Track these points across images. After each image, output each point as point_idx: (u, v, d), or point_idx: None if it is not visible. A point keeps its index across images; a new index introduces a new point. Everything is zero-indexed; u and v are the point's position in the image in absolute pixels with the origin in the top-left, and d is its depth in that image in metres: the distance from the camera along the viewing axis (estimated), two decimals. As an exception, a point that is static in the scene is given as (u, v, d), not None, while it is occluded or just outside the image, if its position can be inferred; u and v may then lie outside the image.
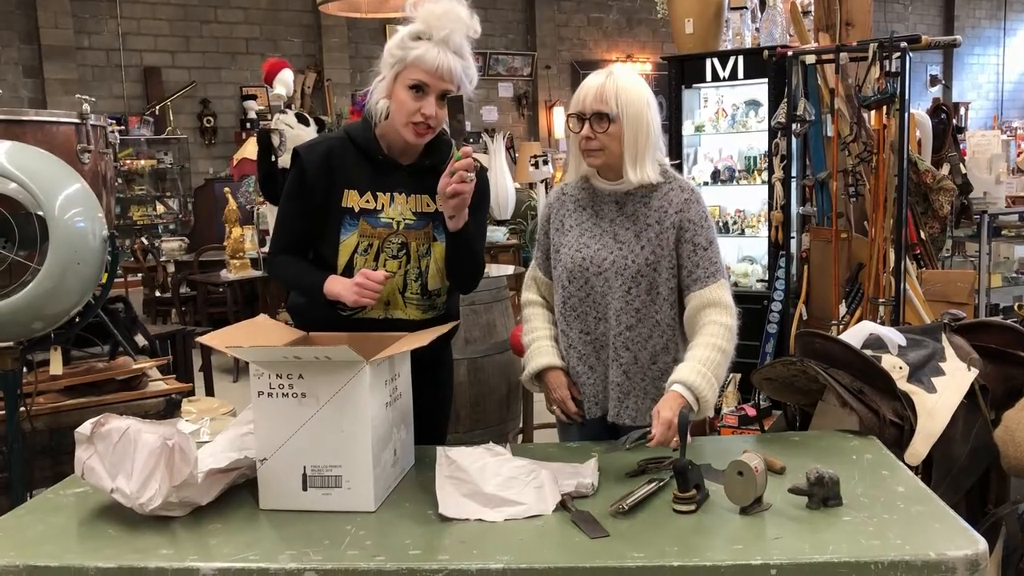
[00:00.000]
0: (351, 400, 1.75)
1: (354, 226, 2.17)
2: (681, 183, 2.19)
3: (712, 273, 2.15)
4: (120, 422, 1.78)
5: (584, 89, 2.13)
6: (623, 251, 2.16)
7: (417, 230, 2.20)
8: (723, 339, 2.10)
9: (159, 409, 2.89)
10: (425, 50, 2.04)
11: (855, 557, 1.48)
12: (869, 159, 3.94)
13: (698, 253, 2.15)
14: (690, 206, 2.15)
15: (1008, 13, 16.80)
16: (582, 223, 2.23)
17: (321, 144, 2.22)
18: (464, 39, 2.09)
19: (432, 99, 2.07)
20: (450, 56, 2.05)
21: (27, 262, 2.40)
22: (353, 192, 2.17)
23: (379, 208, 2.18)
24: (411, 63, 2.05)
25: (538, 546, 1.58)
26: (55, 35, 9.75)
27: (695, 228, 2.15)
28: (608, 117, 2.08)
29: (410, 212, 2.19)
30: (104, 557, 1.58)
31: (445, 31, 2.04)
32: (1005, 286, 5.85)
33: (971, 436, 2.22)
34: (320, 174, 2.17)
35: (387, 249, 2.18)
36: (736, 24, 4.97)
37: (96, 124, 3.15)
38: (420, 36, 2.05)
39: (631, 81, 2.13)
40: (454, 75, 2.06)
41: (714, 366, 2.06)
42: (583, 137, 2.12)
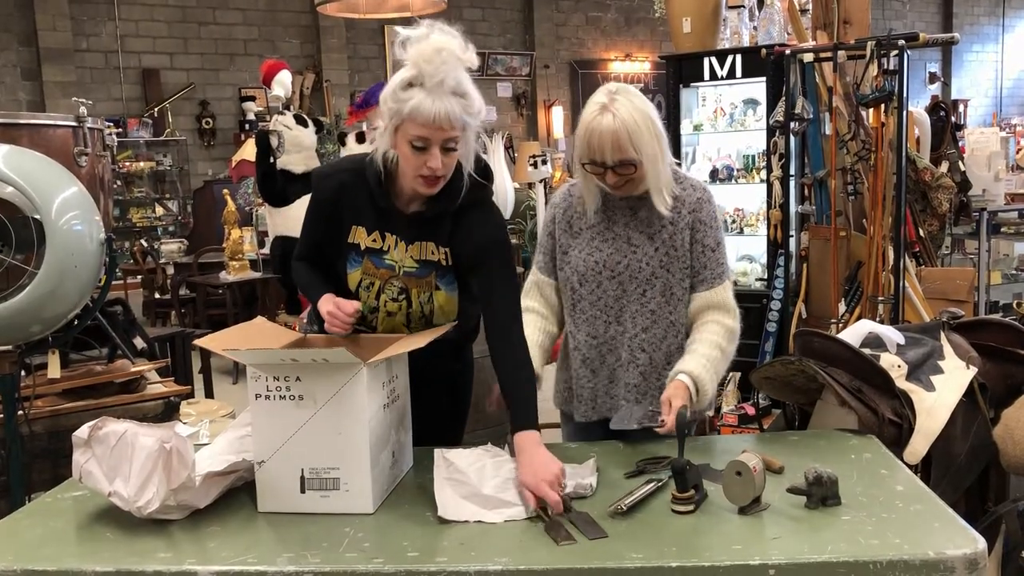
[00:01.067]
0: (349, 402, 1.75)
1: (359, 263, 2.12)
2: (693, 183, 2.20)
3: (719, 275, 2.16)
4: (118, 425, 1.78)
5: (595, 136, 2.05)
6: (637, 254, 2.16)
7: (419, 278, 2.12)
8: (724, 339, 2.12)
9: (158, 411, 2.89)
10: (419, 101, 1.89)
11: (854, 557, 1.48)
12: (868, 157, 3.94)
13: (707, 254, 2.16)
14: (703, 206, 2.16)
15: (1007, 10, 16.80)
16: (594, 225, 2.22)
17: (335, 177, 2.14)
18: (461, 74, 1.95)
19: (436, 151, 1.94)
20: (447, 101, 1.90)
21: (24, 265, 2.40)
22: (361, 229, 2.11)
23: (385, 249, 2.12)
24: (407, 117, 1.91)
25: (536, 547, 1.57)
26: (53, 37, 9.74)
27: (706, 229, 2.16)
28: (632, 163, 2.06)
29: (411, 260, 2.11)
30: (102, 560, 1.58)
31: (438, 76, 1.90)
32: (1004, 283, 5.85)
33: (970, 434, 2.22)
34: (330, 206, 2.12)
35: (388, 291, 2.12)
36: (734, 23, 4.97)
37: (93, 127, 3.15)
38: (413, 83, 1.91)
39: (636, 112, 2.05)
40: (454, 121, 1.91)
41: (715, 362, 2.08)
42: (611, 183, 2.10)
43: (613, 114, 2.04)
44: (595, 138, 2.06)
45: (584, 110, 2.12)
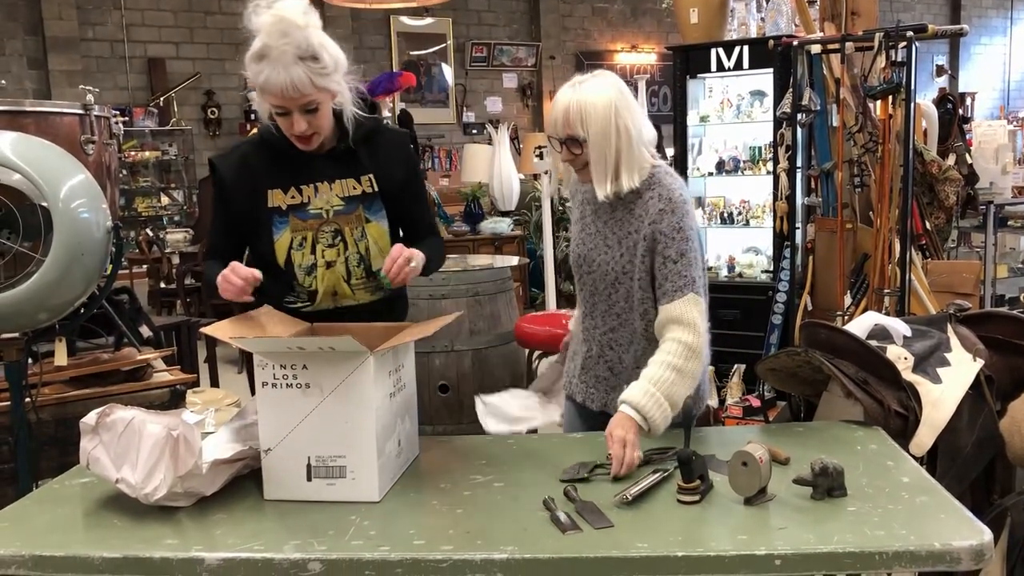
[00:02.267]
0: (355, 390, 1.75)
1: (285, 223, 2.17)
2: (662, 191, 2.10)
3: (680, 287, 2.05)
4: (125, 412, 1.78)
5: (553, 111, 2.09)
6: (607, 256, 2.15)
7: (347, 215, 2.19)
8: (678, 357, 2.00)
9: (164, 400, 2.90)
10: (267, 75, 1.97)
11: (860, 547, 1.48)
12: (875, 149, 3.93)
13: (667, 266, 2.06)
14: (663, 217, 2.07)
15: (1015, 2, 16.69)
16: (585, 218, 2.24)
17: (235, 151, 2.24)
18: (308, 37, 1.99)
19: (296, 116, 2.03)
20: (293, 70, 1.96)
21: (32, 253, 2.40)
22: (277, 191, 2.17)
23: (306, 201, 2.18)
24: (261, 89, 2.01)
25: (542, 537, 1.58)
26: (59, 26, 9.72)
27: (666, 240, 2.06)
28: (578, 140, 2.05)
29: (337, 198, 2.19)
30: (110, 547, 1.59)
31: (279, 47, 1.95)
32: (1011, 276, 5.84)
33: (976, 427, 2.22)
34: (239, 181, 2.18)
35: (321, 239, 2.19)
36: (741, 14, 4.95)
37: (100, 115, 3.15)
38: (262, 55, 1.98)
39: (595, 93, 2.04)
40: (302, 88, 1.98)
41: (665, 385, 1.96)
42: (564, 160, 2.12)
43: (575, 89, 2.07)
44: (553, 110, 2.09)
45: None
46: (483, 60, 12.32)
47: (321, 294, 2.22)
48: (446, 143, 11.82)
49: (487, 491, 1.81)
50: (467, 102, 12.30)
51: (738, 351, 4.44)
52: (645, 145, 2.11)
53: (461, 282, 3.99)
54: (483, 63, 12.34)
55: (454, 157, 11.43)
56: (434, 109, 11.89)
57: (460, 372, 3.92)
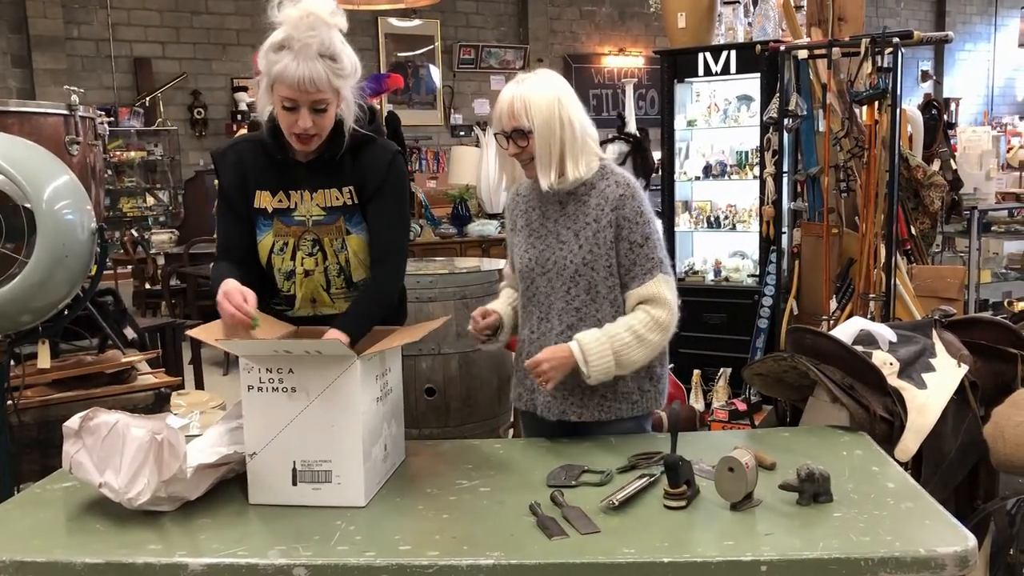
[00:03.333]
0: (342, 395, 1.74)
1: (268, 226, 2.17)
2: (618, 178, 2.15)
3: (649, 269, 2.10)
4: (109, 416, 1.77)
5: (499, 106, 2.11)
6: (563, 251, 2.15)
7: (328, 225, 2.17)
8: (642, 325, 2.05)
9: (148, 402, 2.88)
10: (286, 64, 1.97)
11: (845, 553, 1.49)
12: (861, 154, 3.94)
13: (634, 251, 2.11)
14: (625, 202, 2.11)
15: (999, 9, 16.81)
16: (531, 223, 2.23)
17: (232, 148, 2.23)
18: (331, 36, 2.01)
19: (305, 112, 2.02)
20: (313, 64, 1.97)
21: (14, 254, 2.38)
22: (265, 193, 2.17)
23: (292, 207, 2.17)
24: (276, 79, 2.00)
25: (529, 542, 1.57)
26: (44, 25, 9.65)
27: (630, 225, 2.10)
28: (523, 132, 2.08)
29: (318, 208, 2.17)
30: (92, 552, 1.57)
31: (304, 39, 1.96)
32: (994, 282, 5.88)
33: (961, 432, 2.23)
34: (233, 179, 2.18)
35: (302, 247, 2.18)
36: (729, 18, 4.97)
37: (85, 115, 3.13)
38: (283, 46, 1.98)
39: (539, 87, 2.09)
40: (319, 84, 1.98)
41: (619, 343, 2.02)
42: (511, 153, 2.13)
43: (518, 83, 2.10)
44: (498, 105, 2.12)
45: None
46: (471, 62, 12.31)
47: (299, 300, 2.21)
48: (433, 145, 11.81)
49: (473, 496, 1.81)
50: (455, 104, 12.29)
51: (724, 355, 4.46)
52: (591, 138, 2.15)
53: (448, 285, 3.98)
54: (471, 65, 12.33)
55: (441, 159, 11.42)
56: (422, 111, 11.88)
57: (447, 375, 3.91)
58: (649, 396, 2.20)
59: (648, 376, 2.19)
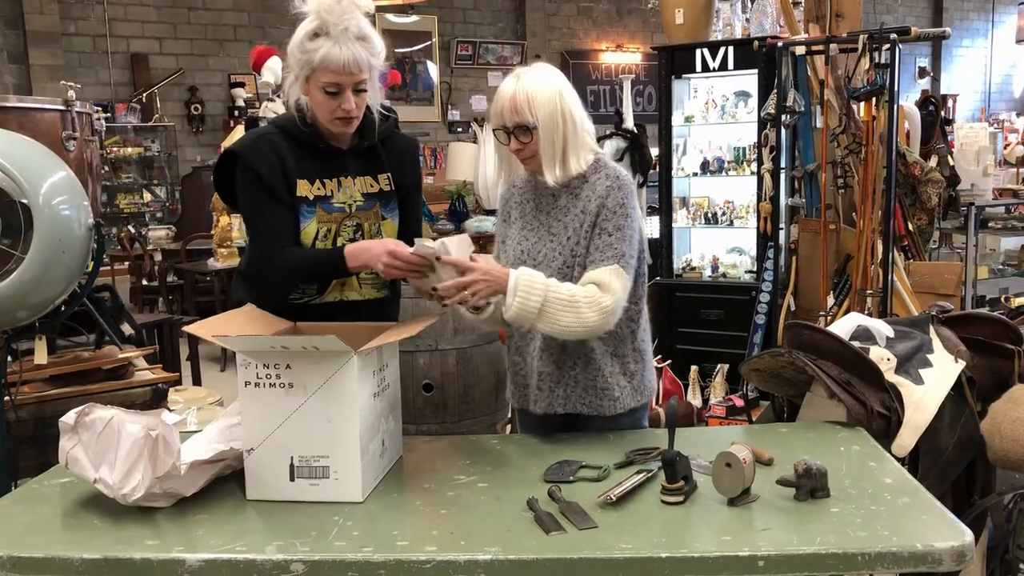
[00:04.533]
0: (339, 390, 1.74)
1: (312, 213, 2.18)
2: (609, 171, 2.13)
3: (608, 257, 2.04)
4: (104, 412, 1.76)
5: (499, 102, 2.09)
6: (553, 243, 2.14)
7: (367, 211, 2.23)
8: (583, 295, 1.99)
9: (146, 399, 2.87)
10: (328, 50, 2.00)
11: (842, 548, 1.49)
12: (858, 151, 3.95)
13: (602, 237, 2.06)
14: (610, 193, 2.09)
15: (996, 5, 16.83)
16: (525, 216, 2.22)
17: (261, 140, 2.16)
18: (362, 19, 2.05)
19: (348, 94, 2.06)
20: (353, 46, 2.02)
21: (11, 250, 2.38)
22: (304, 181, 2.17)
23: (330, 194, 2.19)
24: (319, 66, 2.02)
25: (526, 537, 1.57)
26: (40, 20, 9.64)
27: (607, 213, 2.07)
28: (527, 127, 2.05)
29: (359, 194, 2.22)
30: (89, 548, 1.57)
31: (342, 24, 2.00)
32: (992, 278, 5.89)
33: (958, 428, 2.23)
34: (274, 170, 2.14)
35: (343, 233, 2.20)
36: (726, 14, 4.97)
37: (82, 111, 3.12)
38: (319, 33, 2.01)
39: (540, 82, 2.07)
40: (362, 65, 2.04)
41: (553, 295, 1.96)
42: (513, 149, 2.11)
43: (518, 79, 2.09)
44: (498, 101, 2.09)
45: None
46: (468, 58, 12.31)
47: (332, 284, 2.22)
48: (431, 141, 11.81)
49: (471, 491, 1.81)
50: (452, 100, 12.29)
51: (721, 351, 4.46)
52: (588, 132, 2.15)
53: (445, 281, 3.97)
54: (468, 61, 12.33)
55: (439, 155, 11.42)
56: (419, 107, 11.88)
57: (444, 371, 3.91)
58: (626, 392, 2.16)
59: (622, 372, 2.16)
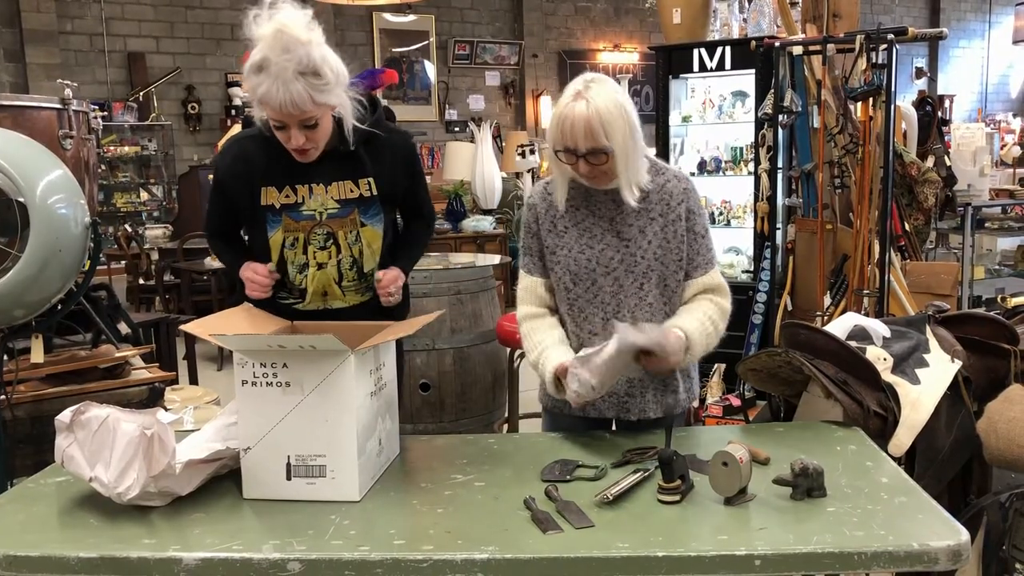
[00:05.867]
0: (336, 389, 1.74)
1: (278, 222, 2.16)
2: (675, 173, 2.19)
3: (709, 260, 2.18)
4: (100, 410, 1.76)
5: (568, 123, 2.00)
6: (631, 248, 2.13)
7: (342, 218, 2.18)
8: (717, 315, 2.15)
9: (142, 397, 2.87)
10: (267, 89, 1.92)
11: (839, 548, 1.49)
12: (855, 151, 3.95)
13: (698, 241, 2.17)
14: (690, 195, 2.16)
15: (993, 6, 16.85)
16: (579, 223, 2.16)
17: (235, 144, 2.21)
18: (309, 53, 1.94)
19: (295, 131, 2.01)
20: (292, 87, 1.91)
21: (8, 249, 2.37)
22: (271, 189, 2.15)
23: (299, 201, 2.16)
24: (259, 101, 1.98)
25: (523, 536, 1.57)
26: (37, 19, 9.62)
27: (695, 217, 2.16)
28: (604, 151, 2.01)
29: (332, 201, 2.17)
30: (86, 547, 1.57)
31: (281, 62, 1.90)
32: (988, 278, 5.91)
33: (954, 427, 2.24)
34: (235, 176, 2.17)
35: (313, 241, 2.18)
36: (724, 14, 4.97)
37: (79, 109, 3.12)
38: (261, 67, 1.93)
39: (609, 101, 2.01)
40: (302, 105, 1.94)
41: (706, 330, 2.11)
42: (583, 172, 2.06)
43: (587, 101, 2.00)
44: (567, 124, 2.01)
45: (560, 99, 2.09)
46: (466, 58, 12.30)
47: (311, 293, 2.21)
48: (428, 141, 11.80)
49: (468, 491, 1.81)
50: (449, 100, 12.28)
51: (718, 350, 4.41)
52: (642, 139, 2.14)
53: (443, 280, 3.98)
54: (466, 61, 12.32)
55: (436, 155, 11.41)
56: (416, 106, 11.87)
57: (441, 371, 3.92)
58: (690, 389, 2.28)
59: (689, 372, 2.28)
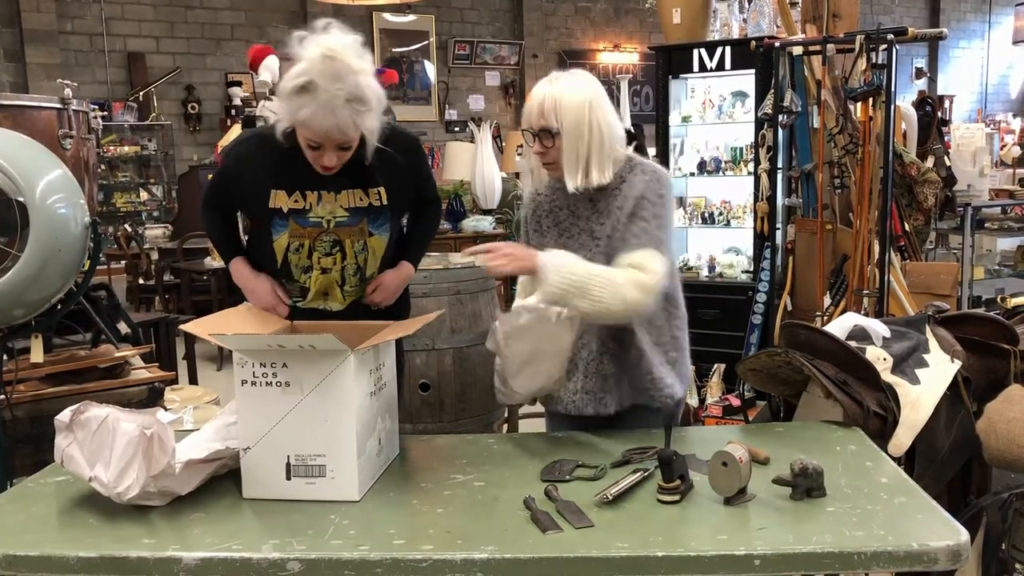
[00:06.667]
0: (335, 389, 1.74)
1: (284, 226, 2.15)
2: (647, 167, 2.14)
3: (644, 243, 2.03)
4: (99, 410, 1.76)
5: (529, 103, 2.08)
6: (600, 246, 2.13)
7: (350, 227, 2.16)
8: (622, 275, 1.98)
9: (142, 397, 2.87)
10: (312, 113, 1.90)
11: (838, 548, 1.49)
12: (855, 151, 3.95)
13: (637, 224, 2.06)
14: (649, 186, 2.09)
15: (993, 6, 16.85)
16: (560, 223, 2.19)
17: (242, 145, 2.19)
18: (358, 84, 1.93)
19: (329, 152, 2.00)
20: (339, 113, 1.91)
21: (8, 248, 2.37)
22: (281, 192, 2.13)
23: (307, 207, 2.14)
24: (300, 123, 1.95)
25: (523, 536, 1.57)
26: (37, 19, 9.61)
27: (642, 203, 2.07)
28: (551, 132, 2.04)
29: (341, 209, 2.15)
30: (85, 547, 1.57)
31: (332, 90, 1.89)
32: (988, 278, 5.91)
33: (954, 427, 2.23)
34: (241, 178, 2.15)
35: (319, 248, 2.17)
36: (724, 14, 4.98)
37: (78, 109, 3.12)
38: (306, 89, 1.90)
39: (571, 88, 2.04)
40: (346, 131, 1.95)
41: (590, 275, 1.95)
42: (536, 152, 2.10)
43: (551, 83, 2.06)
44: (529, 103, 2.08)
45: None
46: (466, 58, 12.30)
47: (312, 293, 2.22)
48: (428, 141, 11.79)
49: (467, 490, 1.81)
50: (449, 100, 12.28)
51: (718, 351, 4.46)
52: (618, 142, 2.12)
53: (443, 280, 3.97)
54: (466, 61, 12.32)
55: (436, 155, 11.40)
56: (416, 107, 11.87)
57: (441, 370, 3.91)
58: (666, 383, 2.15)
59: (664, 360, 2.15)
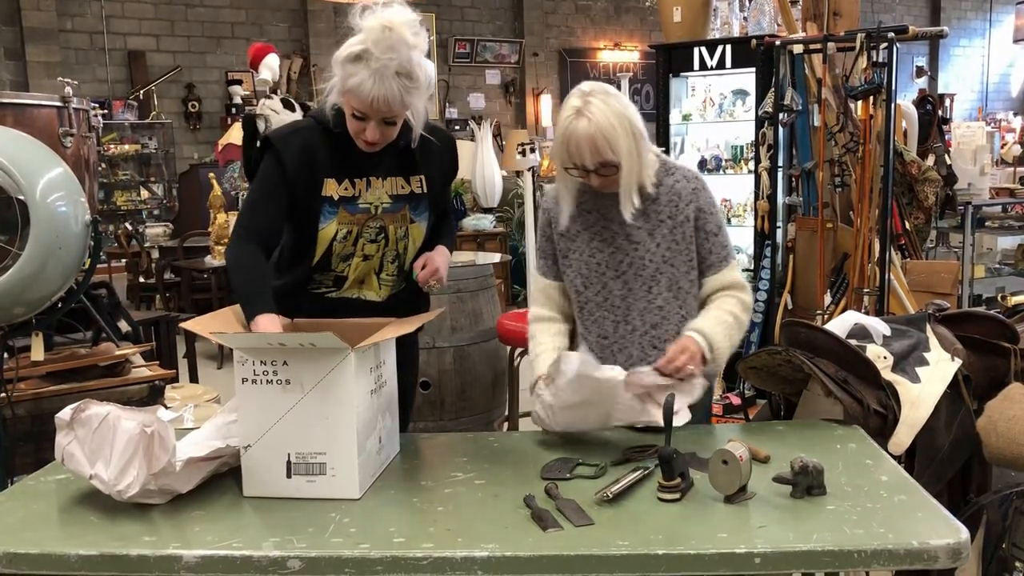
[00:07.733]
0: (336, 387, 1.74)
1: (333, 214, 2.15)
2: (686, 172, 2.19)
3: (724, 257, 2.19)
4: (100, 408, 1.76)
5: (574, 143, 2.02)
6: (639, 251, 2.14)
7: (393, 213, 2.20)
8: (737, 308, 2.15)
9: (142, 395, 2.87)
10: (361, 80, 1.94)
11: (838, 546, 1.49)
12: (855, 149, 3.95)
13: (710, 240, 2.17)
14: (699, 195, 2.16)
15: (994, 5, 16.83)
16: (591, 226, 2.18)
17: (296, 135, 2.16)
18: (410, 56, 1.96)
19: (373, 124, 2.02)
20: (388, 84, 1.94)
21: (8, 247, 2.37)
22: (332, 181, 2.15)
23: (357, 194, 2.17)
24: (350, 91, 1.98)
25: (523, 534, 1.57)
26: (37, 17, 9.61)
27: (705, 216, 2.16)
28: (614, 164, 2.04)
29: (386, 195, 2.19)
30: (86, 544, 1.57)
31: (383, 59, 1.92)
32: (988, 277, 5.91)
33: (954, 426, 2.24)
34: (301, 168, 2.13)
35: (366, 234, 2.19)
36: (724, 13, 4.98)
37: (79, 107, 3.11)
38: (360, 58, 1.94)
39: (610, 114, 2.02)
40: (393, 104, 1.97)
41: (727, 325, 2.10)
42: (596, 184, 2.09)
43: (588, 118, 2.01)
44: (573, 143, 2.03)
45: (560, 113, 2.10)
46: (466, 56, 12.29)
47: (350, 282, 2.23)
48: (428, 139, 11.78)
49: (468, 489, 1.81)
50: (450, 98, 12.27)
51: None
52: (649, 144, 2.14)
53: (443, 279, 3.97)
54: (466, 59, 12.31)
55: (436, 153, 11.39)
56: (417, 105, 11.85)
57: (441, 369, 3.91)
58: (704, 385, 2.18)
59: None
